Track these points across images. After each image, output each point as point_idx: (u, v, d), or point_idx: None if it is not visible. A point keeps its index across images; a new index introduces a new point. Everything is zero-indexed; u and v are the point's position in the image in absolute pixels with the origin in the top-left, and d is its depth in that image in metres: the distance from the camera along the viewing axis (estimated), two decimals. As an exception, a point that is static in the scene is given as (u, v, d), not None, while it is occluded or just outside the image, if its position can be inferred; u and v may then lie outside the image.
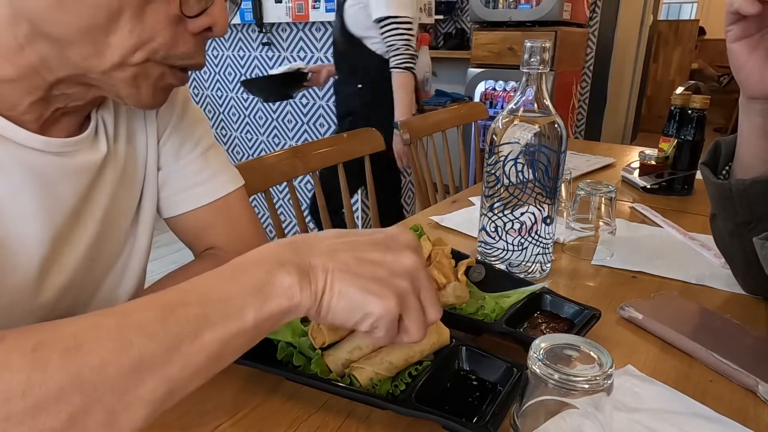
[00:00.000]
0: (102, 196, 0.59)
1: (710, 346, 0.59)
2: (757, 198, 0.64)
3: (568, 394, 0.36)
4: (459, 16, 4.28)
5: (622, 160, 1.48)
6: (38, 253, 0.53)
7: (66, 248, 0.56)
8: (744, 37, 0.59)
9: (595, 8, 3.76)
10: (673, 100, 1.21)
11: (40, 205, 0.52)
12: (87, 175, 0.57)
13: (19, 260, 0.52)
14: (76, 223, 0.57)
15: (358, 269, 0.40)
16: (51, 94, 0.51)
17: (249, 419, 0.50)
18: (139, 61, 0.48)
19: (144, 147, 0.65)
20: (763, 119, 0.61)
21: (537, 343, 0.39)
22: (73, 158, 0.55)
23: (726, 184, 0.65)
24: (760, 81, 0.59)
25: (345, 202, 1.27)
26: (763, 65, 0.59)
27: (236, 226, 0.71)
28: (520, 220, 0.76)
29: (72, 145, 0.55)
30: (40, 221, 0.53)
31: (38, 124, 0.52)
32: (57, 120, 0.55)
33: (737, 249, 0.70)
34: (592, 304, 0.63)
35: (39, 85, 0.50)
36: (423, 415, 0.45)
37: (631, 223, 1.01)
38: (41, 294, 0.55)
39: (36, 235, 0.53)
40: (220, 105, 3.12)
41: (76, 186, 0.56)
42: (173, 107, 0.67)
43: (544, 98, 0.72)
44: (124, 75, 0.49)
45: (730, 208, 0.67)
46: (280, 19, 2.58)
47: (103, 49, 0.47)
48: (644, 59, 4.79)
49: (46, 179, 0.53)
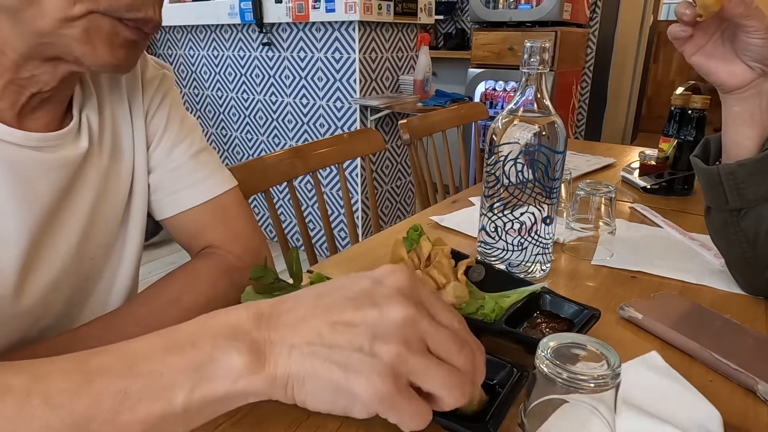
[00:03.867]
0: (84, 193, 0.59)
1: (710, 346, 0.59)
2: (745, 181, 0.66)
3: (576, 393, 0.36)
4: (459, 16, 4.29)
5: (622, 160, 1.48)
6: (16, 249, 0.52)
7: (47, 245, 0.56)
8: (697, 51, 0.67)
9: (595, 8, 3.76)
10: (674, 101, 1.21)
11: (17, 201, 0.52)
12: (67, 170, 0.56)
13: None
14: (57, 220, 0.57)
15: (332, 340, 0.32)
16: (20, 76, 0.51)
17: (249, 419, 0.50)
18: (81, 12, 0.47)
19: (131, 149, 0.65)
20: (741, 107, 0.66)
21: (545, 342, 0.39)
22: (53, 153, 0.55)
23: (714, 169, 0.68)
24: (728, 77, 0.66)
25: (345, 203, 1.27)
26: (723, 64, 0.66)
27: (232, 224, 0.71)
28: (519, 220, 0.76)
29: (51, 140, 0.55)
30: (17, 217, 0.52)
31: (14, 112, 0.52)
32: (35, 110, 0.54)
33: (732, 240, 0.71)
34: (592, 304, 0.63)
35: (6, 65, 0.50)
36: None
37: (631, 223, 1.01)
38: (22, 296, 0.54)
39: (13, 232, 0.52)
40: (220, 105, 3.12)
41: (55, 181, 0.55)
42: (164, 114, 0.68)
43: (544, 98, 0.72)
44: (74, 31, 0.48)
45: (720, 195, 0.68)
46: (280, 19, 2.58)
47: (42, 6, 0.46)
48: (644, 59, 4.79)
49: (24, 174, 0.52)
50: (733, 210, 0.68)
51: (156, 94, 0.68)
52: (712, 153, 0.73)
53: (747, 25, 0.61)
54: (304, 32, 2.60)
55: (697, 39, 0.66)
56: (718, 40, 0.66)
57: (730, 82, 0.66)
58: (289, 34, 2.66)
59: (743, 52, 0.64)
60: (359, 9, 2.32)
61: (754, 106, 0.66)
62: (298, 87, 2.73)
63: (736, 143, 0.67)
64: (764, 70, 0.64)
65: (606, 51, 4.13)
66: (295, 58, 2.69)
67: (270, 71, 2.81)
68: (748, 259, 0.70)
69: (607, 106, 4.35)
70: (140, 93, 0.66)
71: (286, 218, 2.95)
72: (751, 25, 0.61)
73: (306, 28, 2.59)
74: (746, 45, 0.63)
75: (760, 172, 0.65)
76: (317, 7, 2.44)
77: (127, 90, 0.65)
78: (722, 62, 0.66)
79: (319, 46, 2.58)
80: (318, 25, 2.54)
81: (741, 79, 0.65)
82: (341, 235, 2.77)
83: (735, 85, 0.66)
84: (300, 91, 2.73)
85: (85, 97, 0.61)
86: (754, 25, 0.60)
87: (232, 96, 3.04)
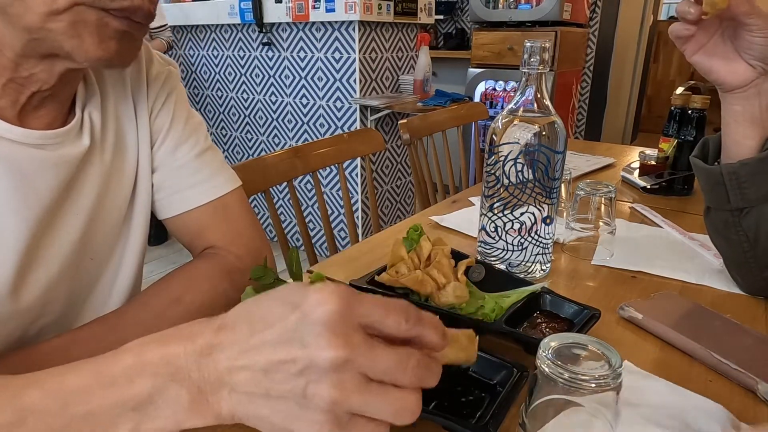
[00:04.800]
0: (86, 191, 0.59)
1: (710, 346, 0.59)
2: (747, 180, 0.66)
3: (578, 393, 0.36)
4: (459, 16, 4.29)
5: (622, 160, 1.48)
6: (15, 247, 0.52)
7: (47, 244, 0.56)
8: (698, 50, 0.67)
9: (595, 8, 3.76)
10: (674, 100, 1.21)
11: (17, 199, 0.52)
12: (67, 168, 0.56)
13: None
14: (57, 218, 0.56)
15: (268, 385, 0.31)
16: (19, 75, 0.51)
17: (249, 419, 0.50)
18: (66, 5, 0.46)
19: (135, 147, 0.64)
20: (741, 106, 0.66)
21: (546, 342, 0.38)
22: (53, 151, 0.55)
23: (716, 169, 0.68)
24: (728, 75, 0.66)
25: (345, 203, 1.27)
26: (725, 63, 0.66)
27: (235, 225, 0.70)
28: (519, 220, 0.76)
29: (52, 137, 0.54)
30: (16, 215, 0.52)
31: (16, 111, 0.52)
32: (36, 108, 0.54)
33: (732, 240, 0.71)
34: (592, 304, 0.63)
35: (4, 64, 0.50)
36: (422, 416, 0.45)
37: (631, 223, 1.01)
38: (21, 294, 0.54)
39: (12, 229, 0.52)
40: (220, 105, 3.12)
41: (55, 179, 0.55)
42: (169, 112, 0.67)
43: (544, 98, 0.72)
44: (60, 25, 0.47)
45: (722, 195, 0.68)
46: (280, 19, 2.58)
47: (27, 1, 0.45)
48: (644, 59, 4.79)
49: (24, 172, 0.52)
50: (734, 210, 0.68)
51: (161, 92, 0.68)
52: (710, 153, 0.74)
53: (751, 24, 0.61)
54: (304, 32, 2.60)
55: (699, 38, 0.66)
56: (718, 38, 0.66)
57: (730, 81, 0.66)
58: (289, 34, 2.66)
59: (745, 50, 0.64)
60: (359, 9, 2.32)
61: (755, 105, 0.66)
62: (298, 87, 2.73)
63: (737, 142, 0.67)
64: (765, 69, 0.64)
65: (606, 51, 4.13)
66: (295, 58, 2.69)
67: (270, 71, 2.81)
68: (749, 258, 0.70)
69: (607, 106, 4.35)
70: (145, 90, 0.66)
71: (286, 218, 2.95)
72: (754, 24, 0.61)
73: (306, 27, 2.59)
74: (749, 43, 0.63)
75: (763, 171, 0.65)
76: (317, 6, 2.44)
77: (131, 87, 0.65)
78: (723, 61, 0.66)
79: (319, 46, 2.58)
80: (318, 25, 2.54)
81: (742, 78, 0.65)
82: (341, 235, 2.77)
83: (736, 83, 0.66)
84: (300, 91, 2.73)
85: (88, 94, 0.61)
86: (757, 23, 0.61)
87: (232, 96, 3.04)
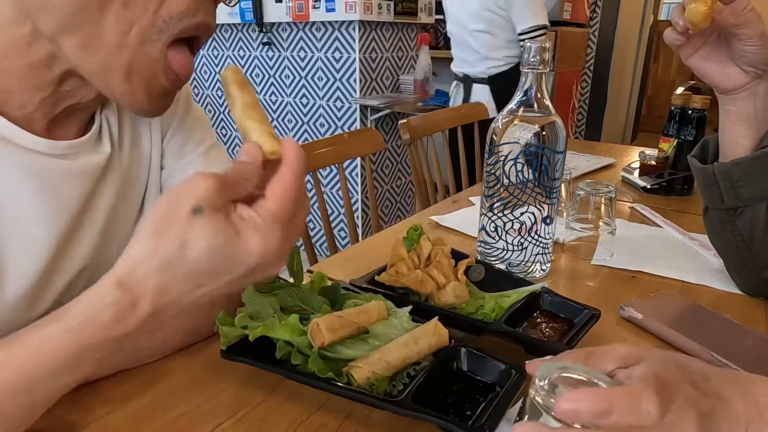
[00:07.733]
0: (105, 197, 0.59)
1: (710, 346, 0.59)
2: (740, 180, 0.66)
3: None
4: (459, 16, 4.27)
5: (622, 160, 1.48)
6: (42, 257, 0.52)
7: (70, 251, 0.56)
8: (694, 53, 0.68)
9: (595, 8, 3.76)
10: (674, 100, 1.21)
11: (45, 209, 0.52)
12: (90, 176, 0.56)
13: (24, 266, 0.51)
14: (80, 226, 0.57)
15: None
16: (61, 89, 0.51)
17: (249, 419, 0.50)
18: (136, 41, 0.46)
19: (148, 148, 0.64)
20: (736, 107, 0.68)
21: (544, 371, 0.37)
22: (76, 160, 0.55)
23: (709, 168, 0.69)
24: (724, 78, 0.67)
25: (345, 202, 1.27)
26: (719, 67, 0.67)
27: None
28: (519, 220, 0.76)
29: (75, 147, 0.54)
30: (45, 225, 0.52)
31: (46, 122, 0.52)
32: (64, 119, 0.54)
33: (728, 240, 0.71)
34: (592, 304, 0.63)
35: (49, 80, 0.49)
36: (419, 416, 0.45)
37: (630, 223, 1.01)
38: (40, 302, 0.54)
39: (39, 240, 0.52)
40: (220, 105, 3.12)
41: (80, 188, 0.55)
42: (176, 107, 0.67)
43: (544, 98, 0.72)
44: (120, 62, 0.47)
45: (716, 194, 0.69)
46: (281, 19, 2.58)
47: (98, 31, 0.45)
48: (644, 59, 4.79)
49: (51, 182, 0.52)
50: (729, 209, 0.69)
51: None
52: (710, 153, 0.74)
53: (740, 34, 0.62)
54: (304, 32, 2.60)
55: (694, 42, 0.67)
56: (714, 42, 0.67)
57: (725, 84, 0.67)
58: (289, 34, 2.66)
59: (737, 57, 0.65)
60: (359, 8, 2.32)
61: (749, 106, 0.67)
62: (298, 87, 2.73)
63: (733, 142, 0.68)
64: (758, 74, 0.65)
65: (606, 51, 4.13)
66: (295, 58, 2.69)
67: (270, 71, 2.81)
68: (745, 258, 0.70)
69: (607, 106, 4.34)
70: None
71: (286, 218, 2.95)
72: (744, 33, 0.62)
73: (306, 27, 2.59)
74: (740, 52, 0.64)
75: (756, 171, 0.65)
76: (317, 6, 2.44)
77: None
78: (718, 65, 0.67)
79: (319, 45, 2.58)
80: (318, 25, 2.54)
81: (736, 82, 0.66)
82: (341, 234, 2.77)
83: (730, 87, 0.67)
84: (300, 90, 2.73)
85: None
86: (747, 33, 0.62)
87: (232, 96, 3.04)
